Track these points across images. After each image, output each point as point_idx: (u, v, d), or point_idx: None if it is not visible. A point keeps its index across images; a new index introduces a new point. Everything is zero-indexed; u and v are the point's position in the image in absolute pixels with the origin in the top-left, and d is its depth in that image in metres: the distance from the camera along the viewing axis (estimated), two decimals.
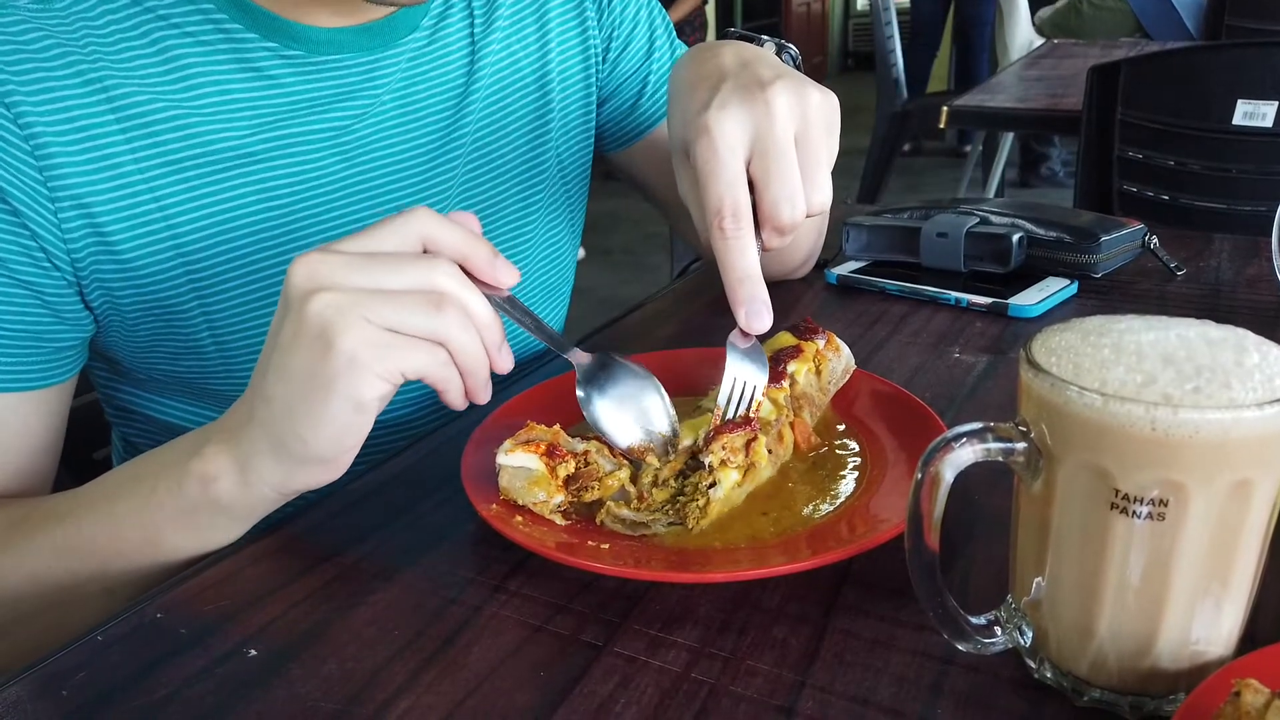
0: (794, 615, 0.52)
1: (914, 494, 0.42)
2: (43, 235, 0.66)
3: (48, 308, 0.68)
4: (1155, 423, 0.38)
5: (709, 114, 0.58)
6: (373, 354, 0.52)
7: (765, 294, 0.59)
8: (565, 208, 0.93)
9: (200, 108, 0.70)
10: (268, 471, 0.56)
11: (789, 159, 0.58)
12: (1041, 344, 0.43)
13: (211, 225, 0.71)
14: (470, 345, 0.55)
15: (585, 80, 0.90)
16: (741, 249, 0.58)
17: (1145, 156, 1.90)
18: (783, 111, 0.58)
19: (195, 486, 0.57)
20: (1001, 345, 0.85)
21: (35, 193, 0.65)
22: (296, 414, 0.54)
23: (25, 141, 0.64)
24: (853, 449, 0.66)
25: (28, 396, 0.69)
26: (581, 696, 0.47)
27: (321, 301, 0.52)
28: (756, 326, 0.59)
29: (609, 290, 3.91)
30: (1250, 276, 0.98)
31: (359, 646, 0.50)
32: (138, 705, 0.47)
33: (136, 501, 0.59)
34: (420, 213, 0.55)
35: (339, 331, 0.51)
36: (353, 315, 0.51)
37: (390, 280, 0.53)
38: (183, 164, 0.70)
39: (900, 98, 4.00)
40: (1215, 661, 0.43)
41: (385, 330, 0.52)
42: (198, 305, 0.73)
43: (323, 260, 0.53)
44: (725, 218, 0.58)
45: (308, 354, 0.52)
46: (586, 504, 0.59)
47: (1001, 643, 0.46)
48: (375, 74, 0.77)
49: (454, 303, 0.54)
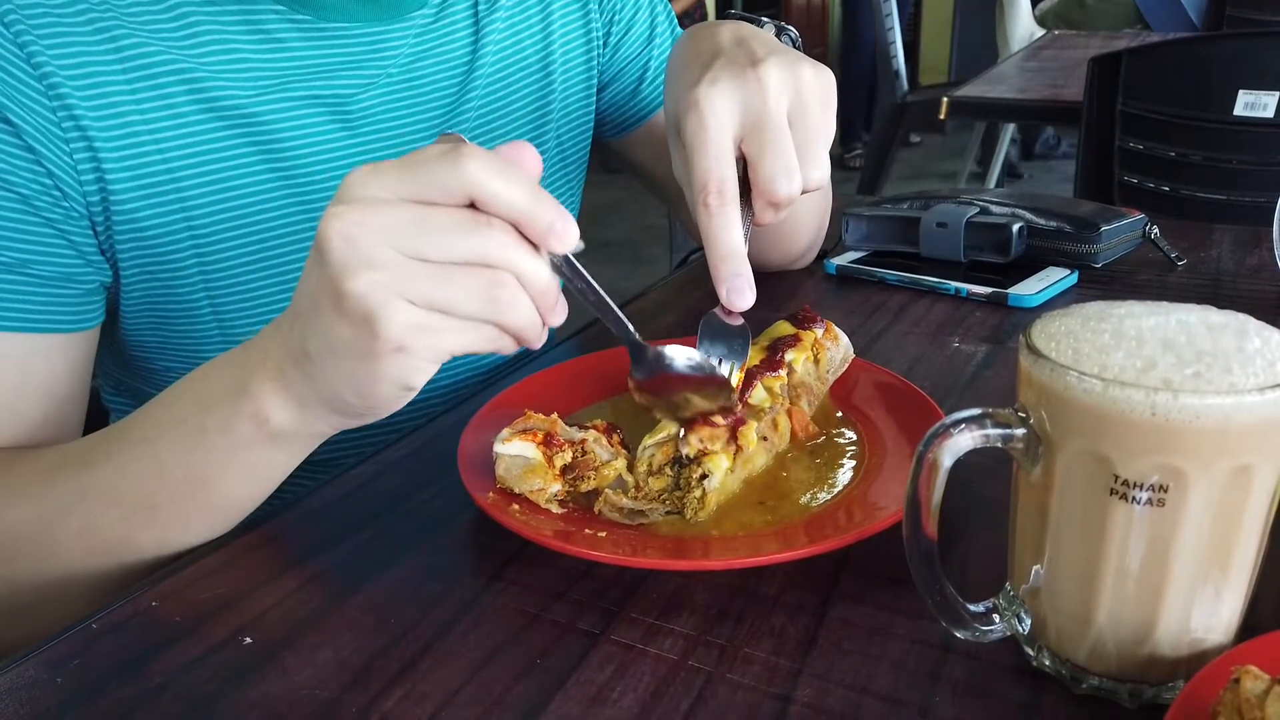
0: (792, 603, 0.51)
1: (912, 480, 0.42)
2: (58, 174, 0.66)
3: (75, 248, 0.68)
4: (1155, 408, 0.37)
5: (699, 89, 0.58)
6: (419, 340, 0.48)
7: (748, 271, 0.58)
8: (565, 189, 0.93)
9: (207, 63, 0.70)
10: (323, 415, 0.54)
11: (782, 133, 0.58)
12: (1041, 329, 0.43)
13: (214, 182, 0.71)
14: (523, 319, 0.49)
15: (587, 64, 0.91)
16: (725, 225, 0.57)
17: (1146, 147, 1.90)
18: (775, 87, 0.58)
19: (248, 425, 0.55)
20: (1001, 335, 0.85)
21: (50, 132, 0.65)
22: (341, 384, 0.51)
23: (39, 81, 0.64)
24: (851, 438, 0.66)
25: (61, 340, 0.68)
26: (578, 684, 0.46)
27: (363, 281, 0.47)
28: (738, 304, 0.58)
29: (608, 282, 3.90)
30: (1251, 267, 0.98)
31: (355, 635, 0.50)
32: (132, 693, 0.47)
33: (184, 443, 0.57)
34: (469, 160, 0.47)
35: (384, 318, 0.47)
36: (397, 299, 0.47)
37: (438, 251, 0.47)
38: (188, 117, 0.70)
39: (900, 89, 3.99)
40: (1215, 649, 0.43)
41: (433, 312, 0.48)
42: (196, 263, 0.73)
43: (359, 221, 0.47)
44: (710, 193, 0.57)
45: (352, 334, 0.48)
46: (583, 493, 0.59)
47: (1000, 630, 0.46)
48: (382, 46, 0.77)
49: (508, 279, 0.48)
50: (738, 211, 0.58)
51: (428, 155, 0.48)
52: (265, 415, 0.54)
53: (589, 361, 0.77)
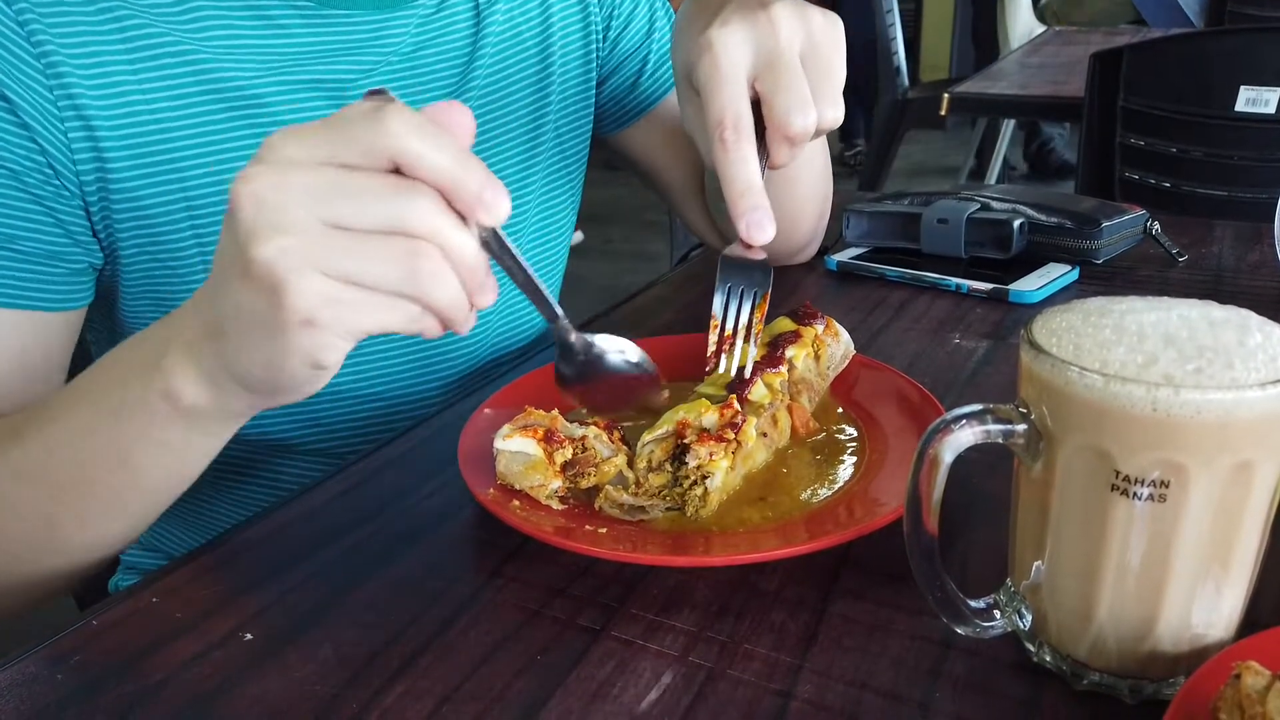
0: (792, 599, 0.51)
1: (913, 476, 0.42)
2: (51, 151, 0.66)
3: (63, 227, 0.68)
4: (1156, 403, 0.37)
5: (711, 31, 0.59)
6: (331, 314, 0.44)
7: (767, 204, 0.58)
8: (563, 182, 0.93)
9: (210, 46, 0.71)
10: (236, 393, 0.52)
11: (795, 69, 0.59)
12: (1042, 325, 0.43)
13: (214, 163, 0.72)
14: (447, 297, 0.45)
15: (585, 57, 0.91)
16: (743, 158, 0.58)
17: (1147, 143, 1.89)
18: (787, 26, 0.59)
19: (161, 403, 0.52)
20: (1002, 331, 0.85)
21: (46, 110, 0.65)
22: (250, 358, 0.48)
23: (38, 60, 0.65)
24: (851, 434, 0.66)
25: (41, 318, 0.68)
26: (579, 681, 0.46)
27: (272, 247, 0.43)
28: (759, 237, 0.58)
29: (609, 279, 3.90)
30: (1252, 263, 0.98)
31: (356, 630, 0.50)
32: (133, 689, 0.47)
33: (103, 420, 0.55)
34: (392, 119, 0.43)
35: (291, 288, 0.43)
36: (307, 269, 0.43)
37: (354, 217, 0.43)
38: (189, 97, 0.70)
39: (901, 85, 3.98)
40: (1215, 644, 0.43)
41: (347, 285, 0.44)
42: (195, 243, 0.73)
43: (273, 184, 0.43)
44: (727, 128, 0.58)
45: (258, 304, 0.45)
46: (583, 489, 0.59)
47: (1000, 626, 0.46)
48: (383, 33, 0.78)
49: (431, 251, 0.44)
50: (754, 146, 0.58)
51: (350, 114, 0.44)
52: (177, 393, 0.51)
53: None
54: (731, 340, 0.63)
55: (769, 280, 0.62)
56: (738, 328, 0.63)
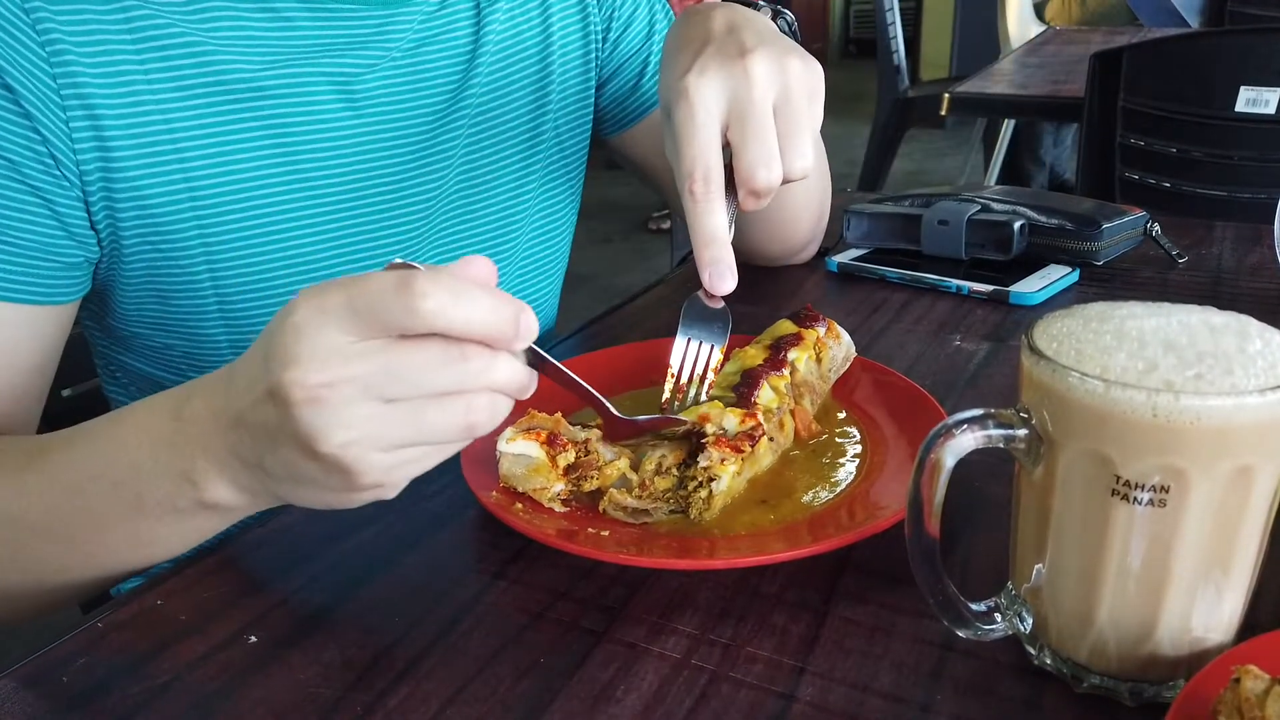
0: (794, 602, 0.52)
1: (915, 480, 0.42)
2: (52, 141, 0.66)
3: (58, 220, 0.68)
4: (1157, 409, 0.38)
5: (688, 79, 0.60)
6: (400, 474, 0.48)
7: (731, 257, 0.60)
8: (563, 181, 0.94)
9: (216, 37, 0.71)
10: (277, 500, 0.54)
11: (765, 124, 0.60)
12: (1043, 330, 0.43)
13: (219, 155, 0.72)
14: (497, 421, 0.48)
15: (585, 58, 0.92)
16: (709, 211, 0.59)
17: (1147, 143, 1.89)
18: (762, 78, 0.59)
19: (192, 505, 0.53)
20: (1002, 333, 0.85)
21: (47, 98, 0.65)
22: (306, 498, 0.51)
23: (42, 48, 0.65)
24: (853, 436, 0.66)
25: (30, 311, 0.68)
26: (581, 683, 0.47)
27: (338, 443, 0.45)
28: (720, 288, 0.60)
29: (609, 278, 3.90)
30: (1252, 264, 0.98)
31: (359, 633, 0.51)
32: (138, 691, 0.47)
33: (121, 508, 0.55)
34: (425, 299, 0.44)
35: (362, 468, 0.47)
36: (375, 451, 0.46)
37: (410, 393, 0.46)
38: (194, 89, 0.70)
39: (902, 85, 3.99)
40: (1215, 648, 0.43)
41: (410, 448, 0.47)
42: (198, 236, 0.73)
43: (330, 387, 0.45)
44: (696, 181, 0.59)
45: (329, 480, 0.48)
46: (586, 492, 0.59)
47: (1001, 629, 0.46)
48: (387, 29, 0.78)
49: (483, 403, 0.47)
50: (722, 199, 0.60)
51: (380, 292, 0.45)
52: (214, 501, 0.53)
53: (593, 360, 0.77)
54: (684, 391, 0.64)
55: (728, 331, 0.64)
56: (693, 378, 0.64)
